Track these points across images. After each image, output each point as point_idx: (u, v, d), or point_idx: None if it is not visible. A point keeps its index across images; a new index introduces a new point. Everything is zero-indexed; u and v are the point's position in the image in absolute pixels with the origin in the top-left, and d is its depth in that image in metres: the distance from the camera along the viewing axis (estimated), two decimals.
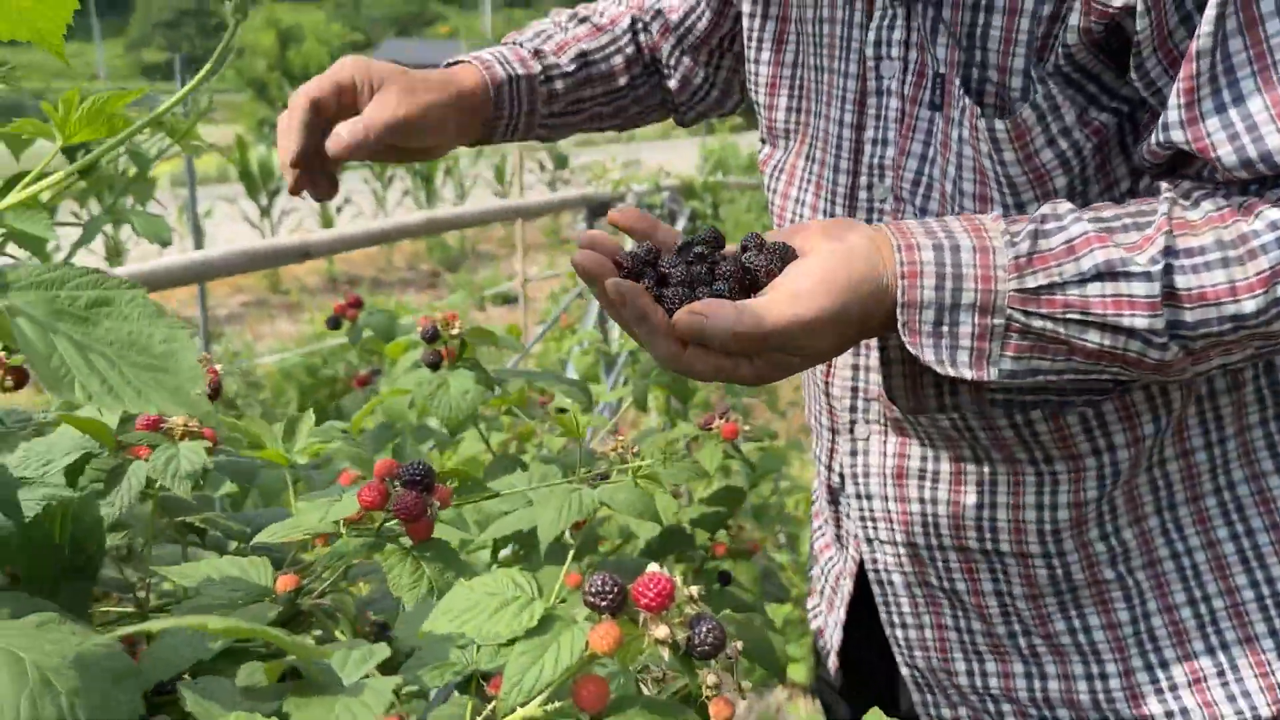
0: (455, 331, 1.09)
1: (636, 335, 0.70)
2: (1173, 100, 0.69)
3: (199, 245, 4.00)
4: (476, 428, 1.22)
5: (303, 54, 18.44)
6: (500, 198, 12.32)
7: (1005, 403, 0.83)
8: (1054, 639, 0.90)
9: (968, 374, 0.70)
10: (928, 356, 0.70)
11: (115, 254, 8.59)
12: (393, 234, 1.95)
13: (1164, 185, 0.73)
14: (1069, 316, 0.68)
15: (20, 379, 0.93)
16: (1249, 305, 0.66)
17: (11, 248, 1.26)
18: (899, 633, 0.98)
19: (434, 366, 1.10)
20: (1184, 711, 0.86)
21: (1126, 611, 0.88)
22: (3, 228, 1.07)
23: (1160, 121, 0.71)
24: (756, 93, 0.99)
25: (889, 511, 0.94)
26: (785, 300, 0.67)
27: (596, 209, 3.19)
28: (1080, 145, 0.76)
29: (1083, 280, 0.68)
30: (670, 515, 1.14)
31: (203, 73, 0.49)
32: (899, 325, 0.70)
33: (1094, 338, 0.69)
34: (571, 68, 1.06)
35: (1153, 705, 0.87)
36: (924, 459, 0.91)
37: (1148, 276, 0.67)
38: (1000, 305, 0.69)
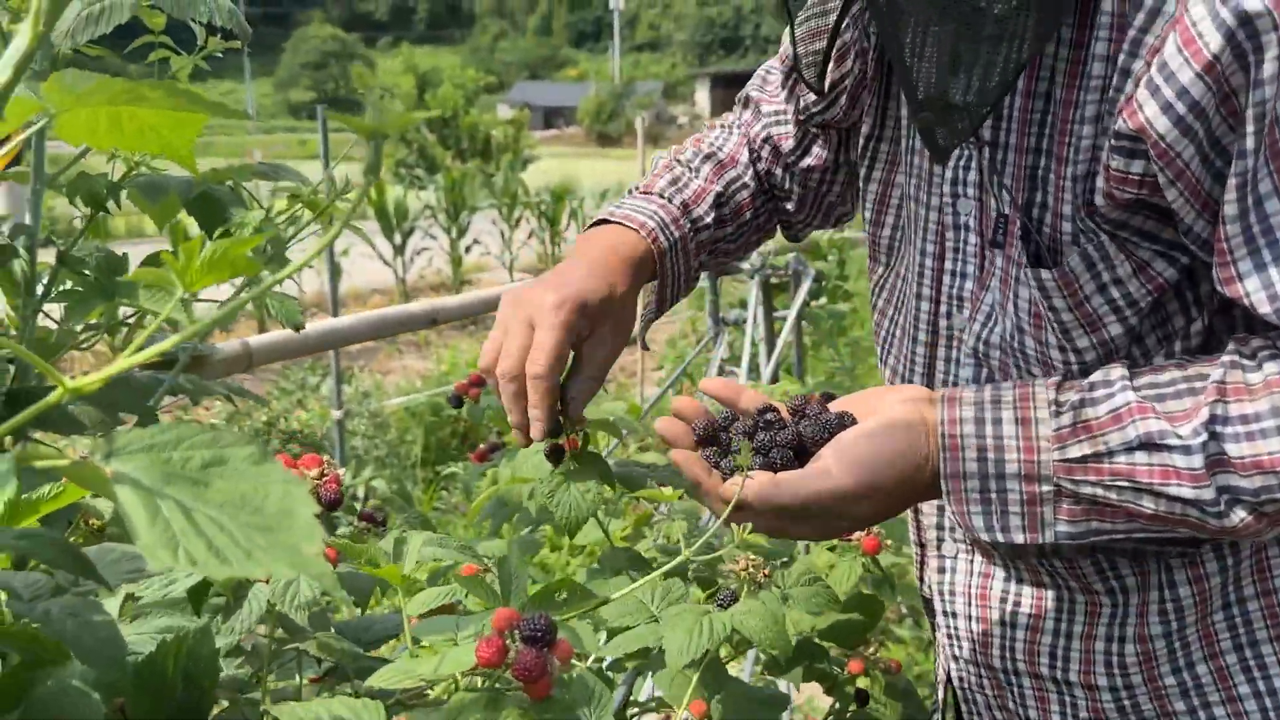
0: (579, 427, 1.04)
1: (695, 497, 0.78)
2: (1214, 259, 0.71)
3: (334, 286, 4.10)
4: (595, 516, 1.17)
5: (438, 97, 19.05)
6: None
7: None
8: None
9: (1020, 538, 0.73)
10: (976, 524, 0.74)
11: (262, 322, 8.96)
12: None
13: (1231, 344, 0.73)
14: (1118, 484, 0.70)
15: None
16: None
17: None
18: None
19: (555, 460, 1.06)
20: None
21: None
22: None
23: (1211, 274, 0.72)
24: (865, 209, 1.01)
25: (972, 631, 0.96)
26: (815, 475, 0.74)
27: (720, 271, 3.15)
28: (1134, 295, 0.77)
29: (1128, 449, 0.70)
30: (802, 628, 1.07)
31: (330, 236, 0.46)
32: (944, 495, 0.74)
33: (1148, 503, 0.70)
34: (710, 217, 1.06)
35: None
36: (1006, 581, 0.93)
37: (1187, 450, 0.68)
38: (1046, 474, 0.72)
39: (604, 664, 1.05)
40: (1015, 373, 0.84)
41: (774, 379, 3.11)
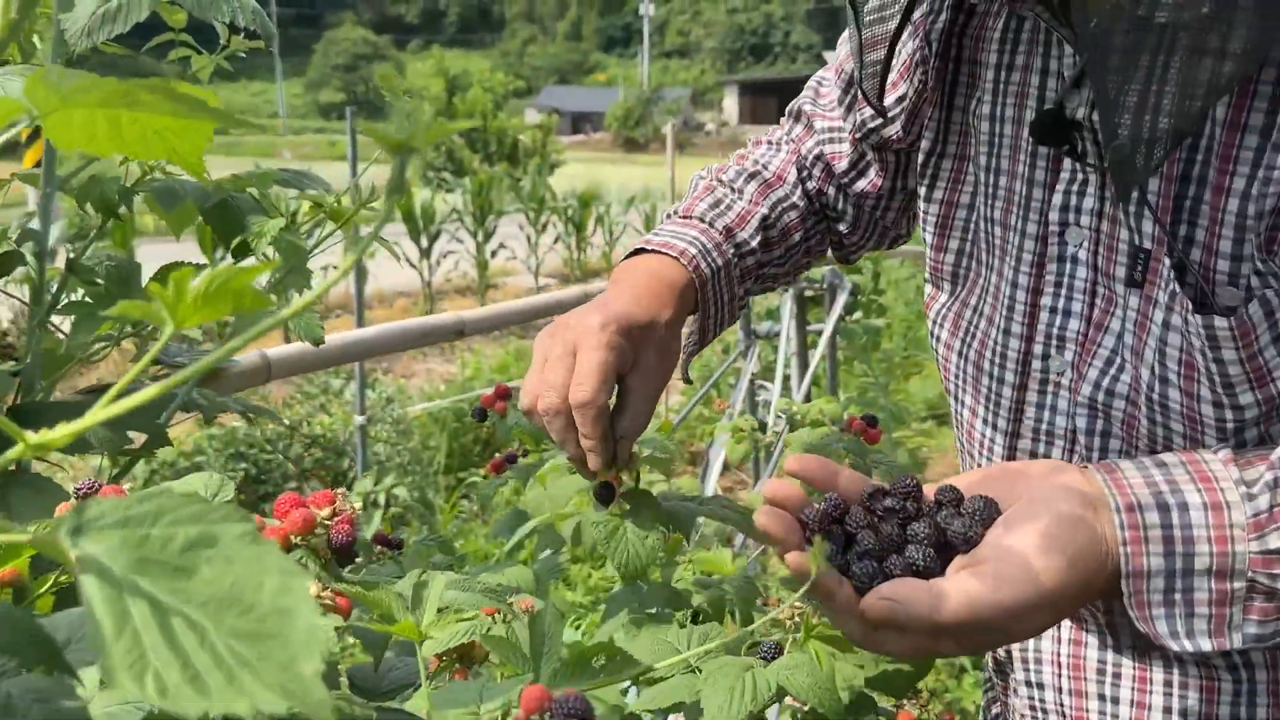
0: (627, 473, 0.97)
1: (823, 610, 0.66)
2: None
3: (359, 291, 4.06)
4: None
5: (468, 101, 19.06)
6: None
7: None
8: None
9: (1207, 645, 0.64)
10: (1160, 629, 0.64)
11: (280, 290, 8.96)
12: (542, 310, 1.88)
13: None
14: None
15: None
16: None
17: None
18: None
19: (605, 501, 0.99)
20: None
21: None
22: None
23: None
24: (926, 230, 0.94)
25: (1063, 706, 0.86)
26: (988, 586, 0.61)
27: None
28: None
29: None
30: (848, 677, 0.99)
31: (357, 255, 0.39)
32: (1125, 598, 0.64)
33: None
34: (756, 241, 1.00)
35: None
36: (1103, 649, 0.83)
37: None
38: (1240, 569, 0.62)
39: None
40: (1146, 426, 0.75)
41: (807, 397, 3.03)
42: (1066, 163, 0.77)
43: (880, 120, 0.95)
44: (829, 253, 1.13)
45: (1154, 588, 0.63)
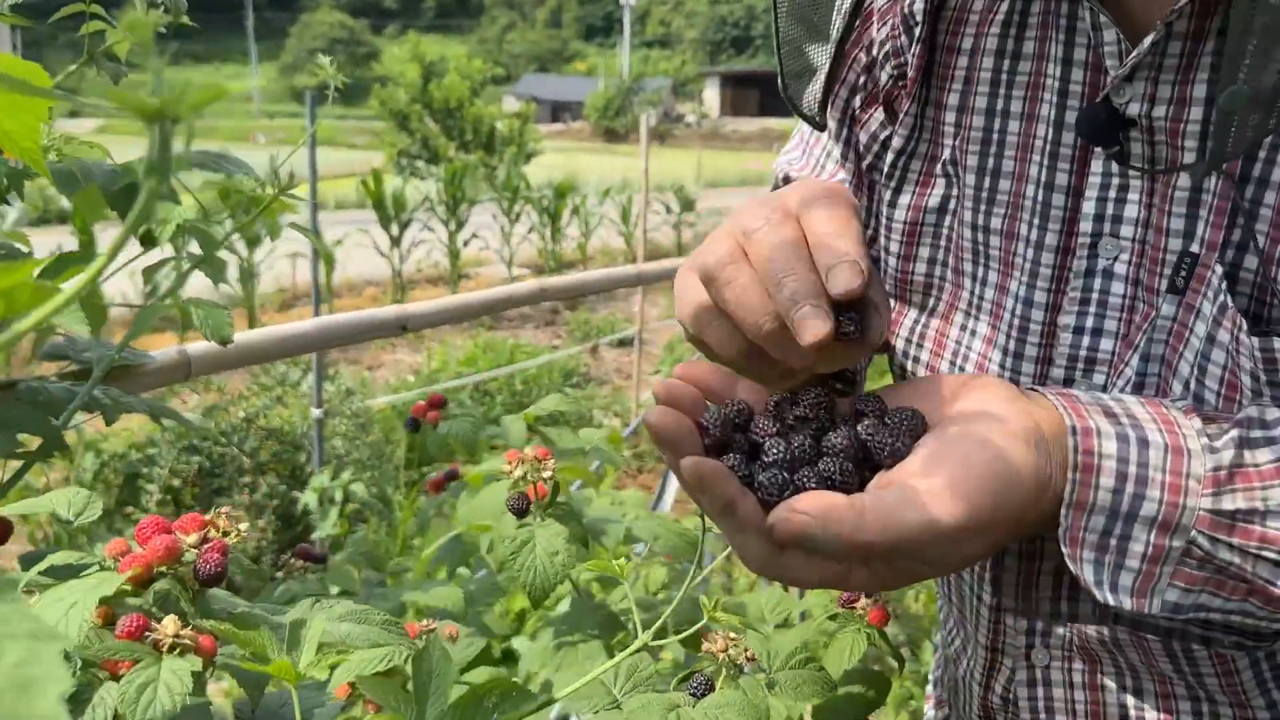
0: (548, 473, 0.89)
1: (721, 527, 0.55)
2: None
3: (316, 278, 3.95)
4: (573, 582, 1.03)
5: (443, 87, 18.82)
6: (624, 238, 12.28)
7: (1155, 627, 0.66)
8: None
9: (1127, 603, 0.57)
10: (1086, 575, 0.56)
11: (247, 275, 8.81)
12: (498, 304, 1.79)
13: None
14: (1263, 554, 0.55)
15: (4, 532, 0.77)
16: None
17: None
18: None
19: (520, 514, 0.91)
20: None
21: None
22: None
23: None
24: (890, 239, 0.81)
25: None
26: (917, 502, 0.52)
27: None
28: None
29: None
30: (792, 714, 0.92)
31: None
32: (1059, 531, 0.56)
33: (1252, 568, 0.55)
34: None
35: None
36: (1123, 693, 0.74)
37: None
38: (1185, 524, 0.55)
39: None
40: None
41: None
42: (1096, 165, 0.68)
43: (887, 131, 0.82)
44: None
45: (1092, 526, 0.56)
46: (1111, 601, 0.57)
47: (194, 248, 1.07)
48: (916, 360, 0.83)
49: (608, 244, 12.79)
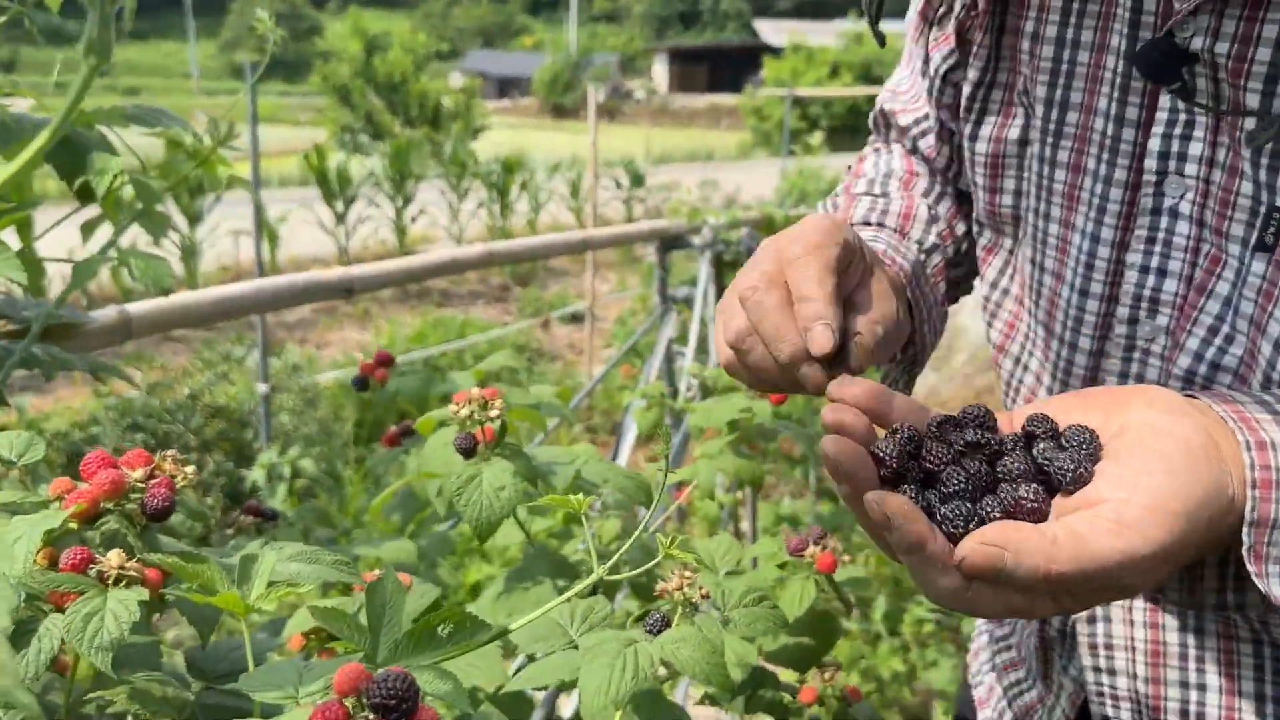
0: (495, 413, 0.89)
1: (904, 562, 0.53)
2: None
3: (260, 251, 3.89)
4: (514, 515, 1.03)
5: (387, 62, 18.51)
6: (574, 213, 12.22)
7: None
8: None
9: None
10: (1275, 590, 0.54)
11: (189, 254, 8.64)
12: (446, 267, 1.77)
13: None
14: None
15: None
16: None
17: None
18: None
19: (468, 454, 0.91)
20: None
21: None
22: None
23: None
24: (975, 173, 0.82)
25: (1136, 693, 0.78)
26: (1109, 530, 0.50)
27: (669, 242, 3.00)
28: None
29: None
30: (746, 655, 0.93)
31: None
32: (1244, 549, 0.54)
33: None
34: (931, 238, 0.86)
35: None
36: (1184, 632, 0.75)
37: None
38: None
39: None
40: None
41: None
42: (1165, 100, 0.66)
43: (950, 58, 0.82)
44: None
45: (1275, 540, 0.54)
46: None
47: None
48: (1006, 292, 0.84)
49: (558, 219, 12.72)
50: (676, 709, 0.95)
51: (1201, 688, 0.75)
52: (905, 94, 0.94)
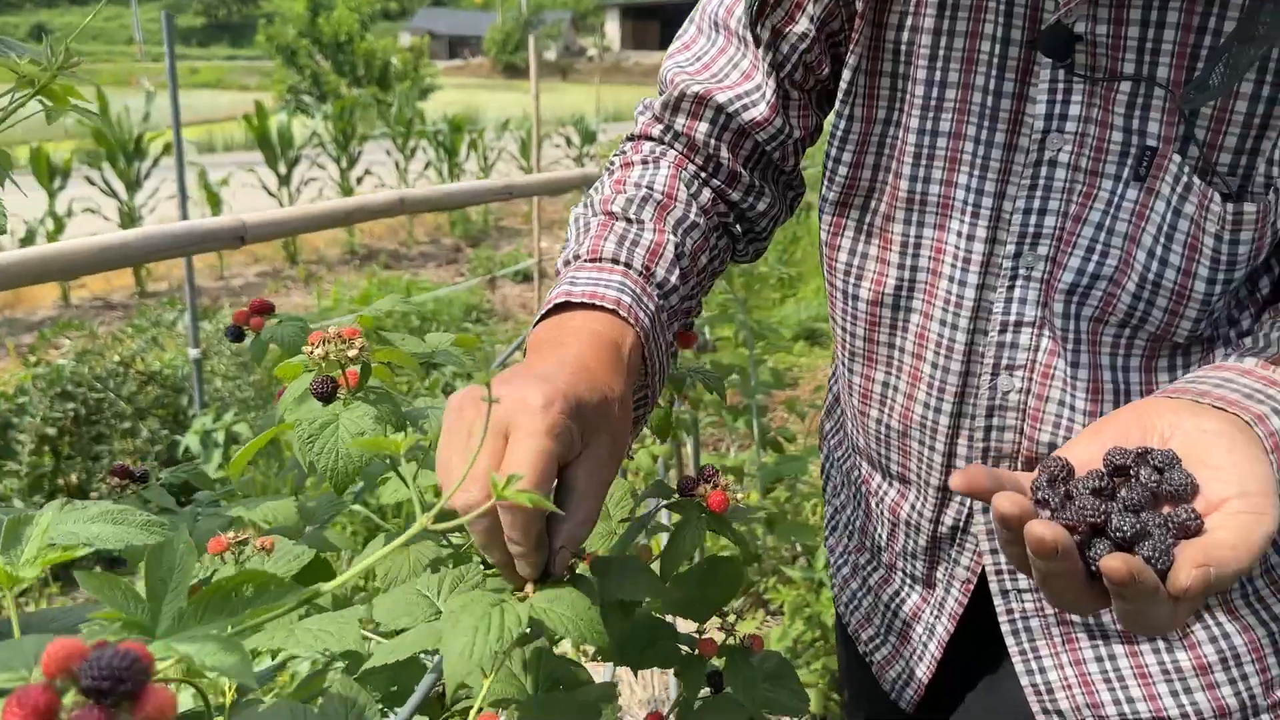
0: (353, 352, 0.81)
1: (1125, 608, 0.58)
2: None
3: (184, 211, 3.75)
4: (396, 471, 0.96)
5: (332, 21, 18.06)
6: (524, 171, 12.05)
7: None
8: (1199, 650, 0.92)
9: None
10: None
11: (130, 219, 8.41)
12: (355, 214, 1.67)
13: None
14: None
15: None
16: None
17: None
18: (1037, 679, 0.98)
19: (326, 399, 0.83)
20: None
21: (1261, 626, 0.92)
22: None
23: None
24: (845, 149, 0.93)
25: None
26: (1254, 520, 0.59)
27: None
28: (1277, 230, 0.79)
29: None
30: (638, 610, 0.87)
31: None
32: None
33: None
34: (675, 276, 0.89)
35: (1277, 694, 0.93)
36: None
37: None
38: None
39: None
40: (1127, 302, 0.82)
41: None
42: (1045, 74, 0.80)
43: (806, 41, 0.91)
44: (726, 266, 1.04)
45: None
46: None
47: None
48: (865, 255, 0.95)
49: (468, 185, 12.56)
50: (569, 664, 0.89)
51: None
52: (715, 70, 0.96)
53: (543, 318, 0.81)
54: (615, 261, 0.86)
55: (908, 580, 1.06)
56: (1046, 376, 0.88)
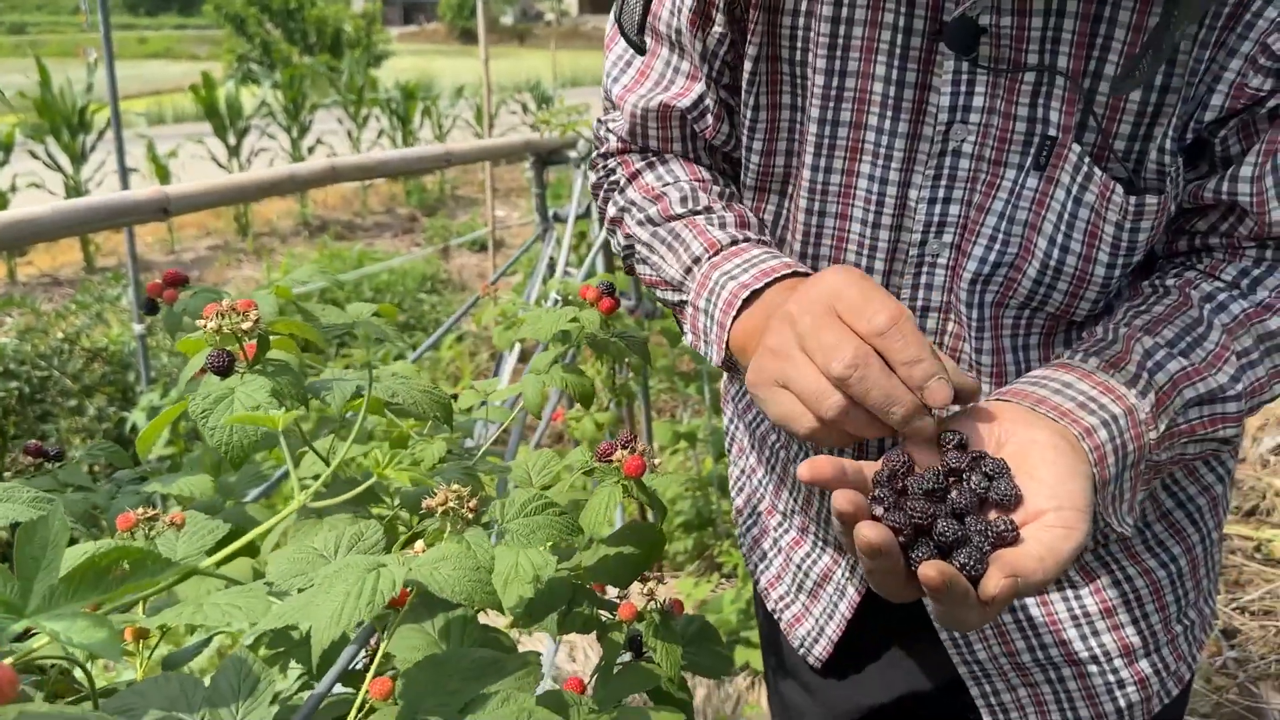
0: (247, 325, 0.80)
1: (942, 607, 0.62)
2: (1250, 159, 0.78)
3: (126, 182, 3.68)
4: (310, 447, 0.96)
5: None
6: (478, 138, 11.94)
7: None
8: (1104, 594, 0.97)
9: (1129, 521, 0.76)
10: (1114, 523, 0.75)
11: (76, 193, 8.24)
12: (283, 184, 1.65)
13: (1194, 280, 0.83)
14: (1183, 444, 0.79)
15: None
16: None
17: None
18: (955, 633, 1.00)
19: (222, 373, 0.82)
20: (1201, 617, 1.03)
21: (1161, 569, 0.97)
22: None
23: (1229, 174, 0.79)
24: (753, 139, 0.92)
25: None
26: (1064, 536, 0.63)
27: (545, 157, 2.88)
28: (1172, 216, 0.83)
29: (1185, 408, 0.77)
30: (542, 568, 0.87)
31: None
32: (1100, 507, 0.73)
33: (1193, 450, 0.79)
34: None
35: (1175, 628, 1.00)
36: None
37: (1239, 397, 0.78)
38: (1146, 455, 0.75)
39: None
40: (1028, 287, 0.84)
41: (610, 268, 2.90)
42: (948, 65, 0.80)
43: (725, 44, 0.90)
44: None
45: (1109, 493, 0.72)
46: (1126, 530, 0.76)
47: None
48: (781, 242, 0.95)
49: (406, 151, 12.42)
50: (491, 632, 0.89)
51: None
52: (671, 85, 0.97)
53: (735, 319, 0.83)
54: (737, 243, 0.89)
55: (819, 543, 1.08)
56: (954, 359, 0.89)
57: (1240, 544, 3.10)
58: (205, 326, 0.79)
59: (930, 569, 0.59)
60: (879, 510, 0.64)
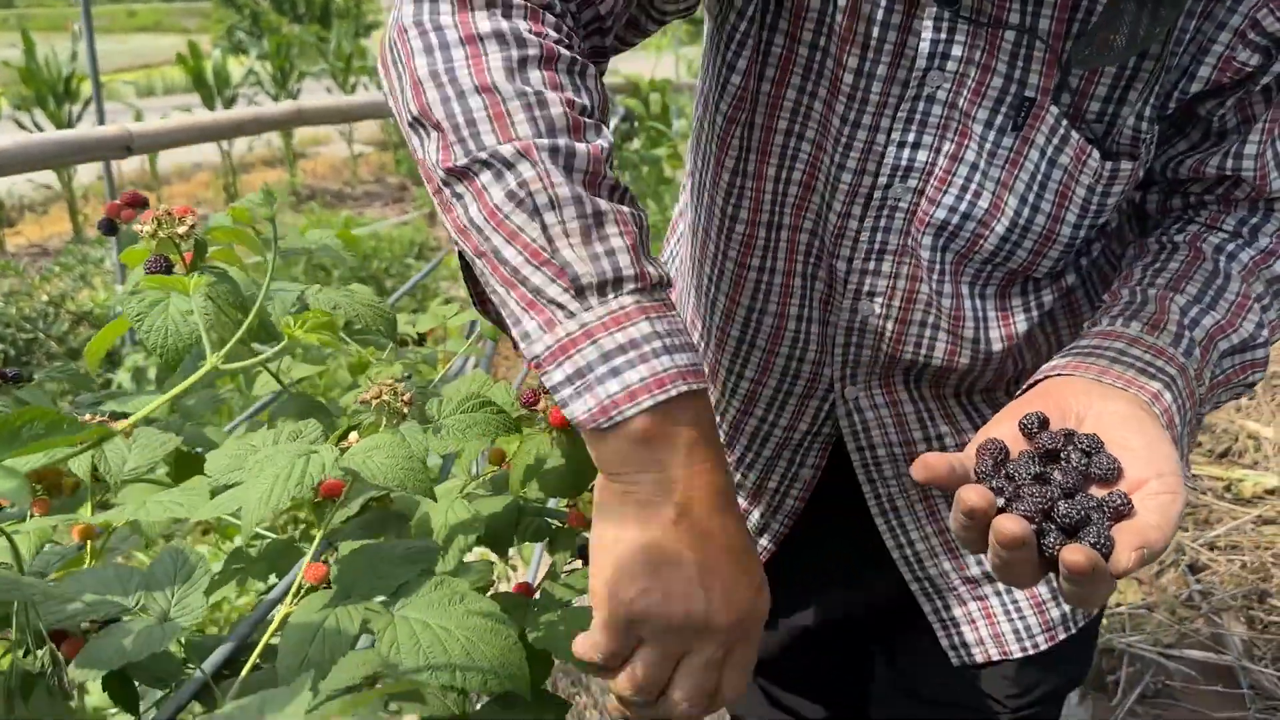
0: (183, 229, 0.81)
1: (1075, 588, 0.62)
2: (1254, 138, 0.83)
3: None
4: (251, 349, 0.97)
5: None
6: None
7: None
8: None
9: (1189, 476, 0.77)
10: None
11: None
12: (245, 126, 1.65)
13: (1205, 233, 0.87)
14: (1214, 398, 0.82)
15: None
16: None
17: None
18: (907, 551, 1.05)
19: (163, 270, 0.84)
20: None
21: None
22: None
23: (1232, 150, 0.83)
24: (722, 100, 0.90)
25: (896, 458, 1.02)
26: (1171, 500, 0.64)
27: None
28: (1139, 180, 0.87)
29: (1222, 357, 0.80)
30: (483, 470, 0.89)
31: None
32: None
33: (1226, 397, 0.84)
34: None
35: None
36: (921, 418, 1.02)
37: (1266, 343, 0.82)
38: (1197, 408, 0.78)
39: None
40: (994, 243, 0.86)
41: None
42: (931, 9, 0.80)
43: None
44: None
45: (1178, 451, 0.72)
46: (1187, 479, 0.73)
47: None
48: (747, 174, 0.92)
49: (371, 96, 12.35)
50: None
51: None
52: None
53: (659, 414, 0.66)
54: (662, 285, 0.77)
55: (760, 462, 1.09)
56: (911, 301, 0.91)
57: (1211, 484, 3.15)
58: (142, 231, 0.81)
59: (1078, 554, 0.59)
60: (1000, 501, 0.64)
